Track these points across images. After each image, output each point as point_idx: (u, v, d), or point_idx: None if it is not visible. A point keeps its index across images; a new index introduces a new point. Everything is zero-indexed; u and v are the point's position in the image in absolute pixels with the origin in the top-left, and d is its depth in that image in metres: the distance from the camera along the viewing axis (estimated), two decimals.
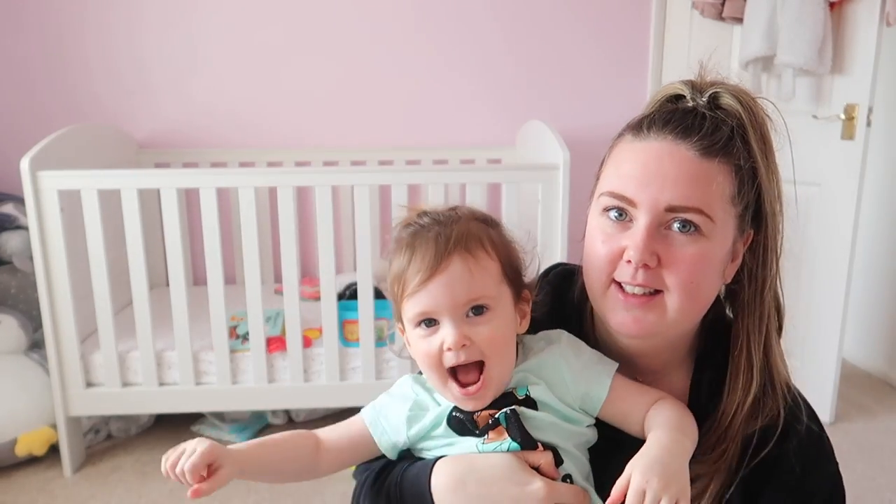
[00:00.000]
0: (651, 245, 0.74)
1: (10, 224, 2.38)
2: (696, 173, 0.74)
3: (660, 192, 0.74)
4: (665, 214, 0.74)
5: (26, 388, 2.15)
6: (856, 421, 2.48)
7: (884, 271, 2.89)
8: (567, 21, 2.76)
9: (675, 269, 0.74)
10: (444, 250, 0.73)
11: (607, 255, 0.77)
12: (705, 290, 0.78)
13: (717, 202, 0.74)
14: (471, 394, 0.75)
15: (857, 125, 2.23)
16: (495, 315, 0.75)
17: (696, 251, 0.74)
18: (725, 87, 0.79)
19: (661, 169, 0.74)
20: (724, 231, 0.76)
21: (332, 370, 2.15)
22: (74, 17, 2.63)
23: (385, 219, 2.73)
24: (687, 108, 0.79)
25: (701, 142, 0.75)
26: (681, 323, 0.78)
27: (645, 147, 0.77)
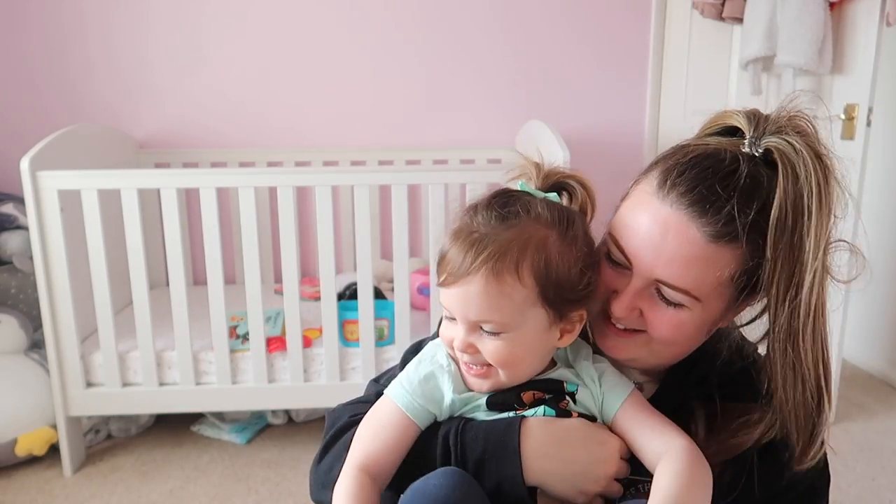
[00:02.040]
0: (634, 303, 0.77)
1: (10, 224, 2.38)
2: (698, 256, 0.72)
3: (653, 264, 0.74)
4: (654, 282, 0.76)
5: (26, 388, 2.15)
6: (856, 421, 2.48)
7: (884, 271, 2.89)
8: (567, 21, 2.76)
9: (653, 327, 0.77)
10: (469, 265, 0.71)
11: (603, 290, 0.80)
12: (688, 343, 0.80)
13: (709, 285, 0.74)
14: (474, 375, 0.77)
15: (857, 125, 2.23)
16: (510, 337, 0.74)
17: (676, 319, 0.76)
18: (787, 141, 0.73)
19: (663, 244, 0.73)
20: (713, 303, 0.76)
21: (332, 370, 2.15)
22: (75, 16, 2.63)
23: (385, 219, 2.74)
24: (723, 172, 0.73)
25: (714, 227, 0.72)
26: (664, 360, 0.82)
27: (658, 212, 0.74)
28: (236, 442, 2.32)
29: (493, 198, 0.77)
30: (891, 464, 2.22)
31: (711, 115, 0.83)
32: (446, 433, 0.76)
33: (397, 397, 0.79)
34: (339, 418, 0.90)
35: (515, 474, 0.73)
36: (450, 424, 0.77)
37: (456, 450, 0.75)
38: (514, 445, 0.73)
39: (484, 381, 0.77)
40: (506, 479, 0.73)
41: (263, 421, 2.44)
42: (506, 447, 0.74)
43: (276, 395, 2.17)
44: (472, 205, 0.77)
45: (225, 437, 2.35)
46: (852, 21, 2.23)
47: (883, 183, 2.86)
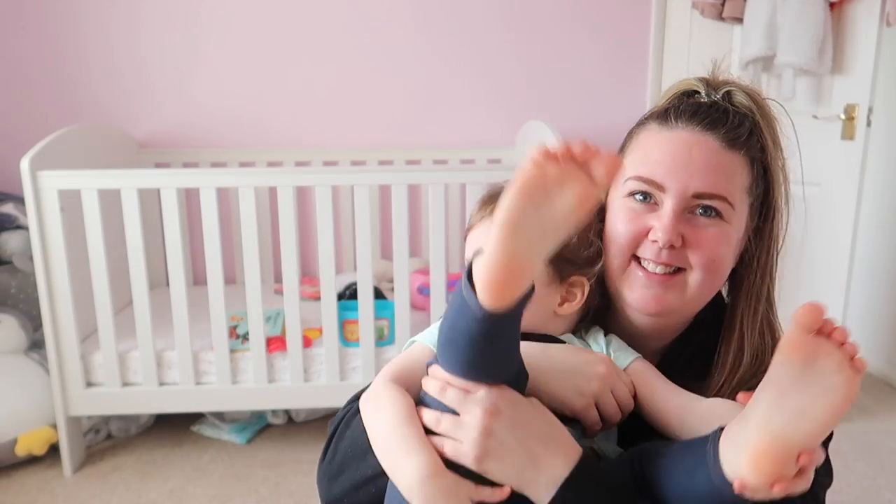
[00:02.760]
0: (677, 227, 0.79)
1: (10, 224, 2.38)
2: (722, 163, 0.79)
3: (689, 179, 0.78)
4: (691, 200, 0.79)
5: (26, 388, 2.15)
6: (856, 421, 2.48)
7: (884, 271, 2.89)
8: (567, 21, 2.76)
9: (698, 249, 0.79)
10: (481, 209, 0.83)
11: (632, 233, 0.81)
12: (723, 268, 0.82)
13: (737, 191, 0.80)
14: None
15: (857, 125, 2.23)
16: None
17: (719, 233, 0.80)
18: (738, 87, 0.84)
19: (689, 157, 0.79)
20: (741, 217, 0.82)
21: (332, 370, 2.15)
22: (75, 17, 2.63)
23: (385, 219, 2.74)
24: (709, 102, 0.84)
25: (728, 134, 0.80)
26: (697, 300, 0.83)
27: (673, 136, 0.81)
28: (236, 442, 2.32)
29: None
30: (891, 464, 2.22)
31: (669, 87, 0.92)
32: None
33: (425, 340, 0.81)
34: (339, 416, 0.88)
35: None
36: None
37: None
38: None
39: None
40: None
41: (263, 421, 2.44)
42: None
43: (276, 395, 2.17)
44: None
45: (225, 437, 2.35)
46: (852, 21, 2.23)
47: (883, 183, 2.86)
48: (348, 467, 0.79)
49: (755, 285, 0.85)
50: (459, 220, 2.72)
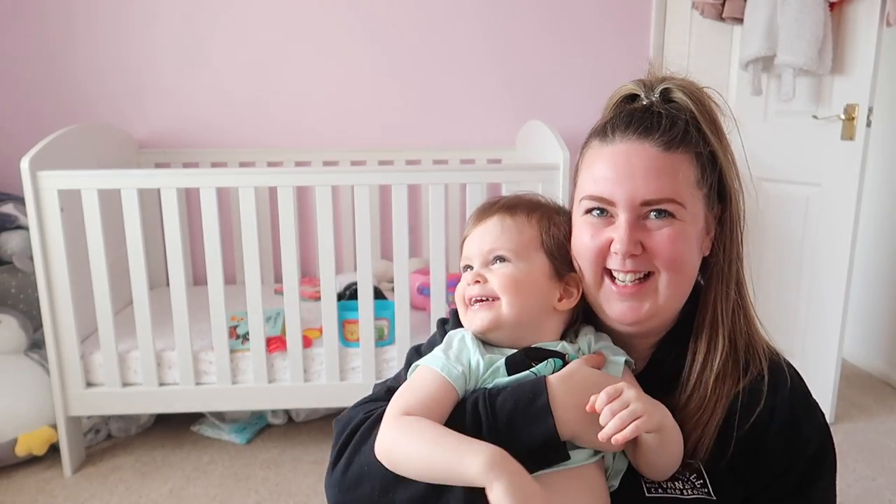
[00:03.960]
0: (633, 235, 0.82)
1: (11, 224, 2.38)
2: (663, 167, 0.81)
3: (634, 189, 0.81)
4: (641, 208, 0.82)
5: (26, 388, 2.15)
6: (856, 421, 2.48)
7: (884, 271, 2.89)
8: (567, 21, 2.76)
9: (658, 252, 0.82)
10: (490, 208, 0.90)
11: (596, 247, 0.84)
12: (688, 264, 0.85)
13: (684, 189, 0.82)
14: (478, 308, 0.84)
15: (857, 125, 2.23)
16: (517, 265, 0.85)
17: (673, 232, 0.82)
18: (674, 83, 0.86)
19: (630, 168, 0.82)
20: (695, 211, 0.84)
21: (332, 370, 2.15)
22: (75, 17, 2.63)
23: (385, 219, 2.74)
24: (643, 107, 0.86)
25: (662, 137, 0.82)
26: (672, 300, 0.85)
27: (613, 150, 0.84)
28: (236, 442, 2.32)
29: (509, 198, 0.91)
30: (891, 464, 2.22)
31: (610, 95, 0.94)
32: (475, 400, 0.79)
33: (434, 363, 0.82)
34: (351, 419, 0.88)
35: (549, 429, 0.75)
36: (476, 393, 0.80)
37: (487, 413, 0.77)
38: (543, 402, 0.76)
39: (486, 314, 0.84)
40: (539, 435, 0.75)
41: (263, 421, 2.44)
42: (536, 405, 0.77)
43: (276, 395, 2.17)
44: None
45: (225, 437, 2.35)
46: (852, 21, 2.23)
47: (883, 183, 2.86)
48: (364, 483, 0.79)
49: (724, 269, 0.87)
50: (459, 220, 2.72)
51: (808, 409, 0.88)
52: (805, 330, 2.47)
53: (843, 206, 2.31)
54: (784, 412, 0.85)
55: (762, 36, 2.29)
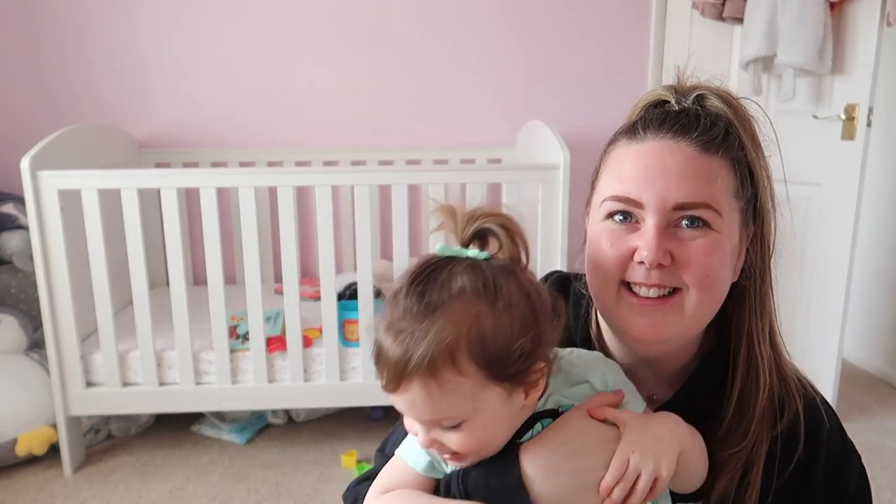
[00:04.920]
0: (663, 244, 0.72)
1: (11, 224, 2.38)
2: (700, 169, 0.73)
3: (666, 190, 0.72)
4: (673, 213, 0.73)
5: (26, 388, 2.15)
6: (856, 421, 2.48)
7: (884, 271, 2.89)
8: (567, 21, 2.76)
9: (689, 265, 0.73)
10: (403, 370, 0.65)
11: (617, 258, 0.75)
12: (720, 283, 0.75)
13: (722, 197, 0.74)
14: (451, 461, 0.73)
15: (857, 125, 2.23)
16: (470, 426, 0.68)
17: (708, 243, 0.73)
18: (708, 90, 0.79)
19: (664, 167, 0.73)
20: (731, 225, 0.75)
21: (332, 370, 2.15)
22: (75, 16, 2.63)
23: (385, 219, 2.74)
24: (678, 109, 0.78)
25: (700, 137, 0.74)
26: (698, 321, 0.76)
27: (644, 148, 0.75)
28: (236, 442, 2.32)
29: (413, 281, 0.68)
30: (891, 464, 2.22)
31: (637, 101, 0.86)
32: (447, 481, 0.73)
33: (407, 456, 0.76)
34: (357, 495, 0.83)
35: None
36: (450, 474, 0.73)
37: (460, 494, 0.71)
38: (515, 477, 0.68)
39: (464, 462, 0.72)
40: None
41: (263, 421, 2.44)
42: (508, 482, 0.69)
43: (276, 395, 2.17)
44: (394, 292, 0.69)
45: (225, 436, 2.35)
46: (852, 21, 2.23)
47: (883, 183, 2.86)
48: None
49: (758, 297, 0.78)
50: None
51: (847, 453, 0.83)
52: (805, 330, 2.47)
53: (844, 206, 2.31)
54: (824, 458, 0.80)
55: (762, 36, 2.29)
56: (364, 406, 2.40)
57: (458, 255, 0.70)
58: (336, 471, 2.16)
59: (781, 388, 0.80)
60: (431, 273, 0.68)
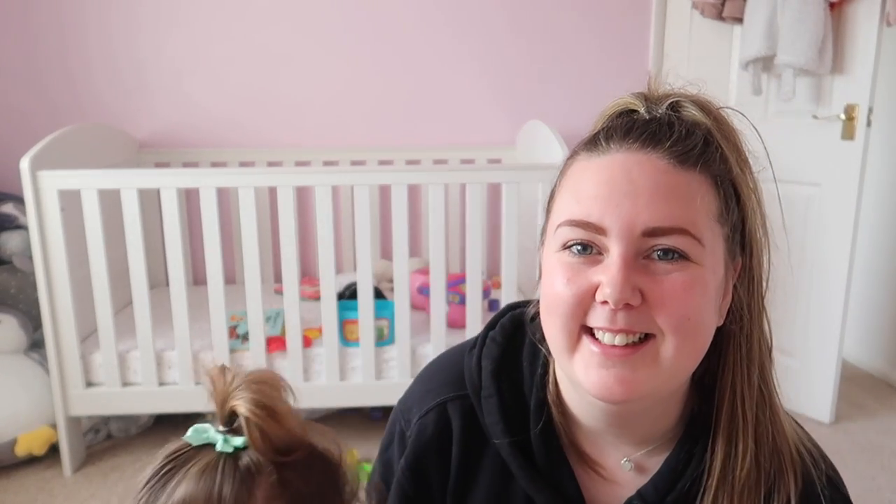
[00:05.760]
0: (630, 279, 0.58)
1: (10, 224, 2.38)
2: (675, 185, 0.59)
3: (633, 212, 0.59)
4: (643, 240, 0.59)
5: (26, 388, 2.15)
6: (856, 421, 2.48)
7: (884, 271, 2.89)
8: (567, 21, 2.76)
9: (664, 305, 0.59)
10: None
11: (575, 297, 0.61)
12: (702, 327, 0.61)
13: (703, 220, 0.60)
14: None
15: (857, 125, 2.23)
16: None
17: (687, 279, 0.59)
18: (684, 97, 0.66)
19: (631, 184, 0.59)
20: (715, 255, 0.61)
21: (331, 370, 2.15)
22: (75, 16, 2.63)
23: (385, 219, 2.74)
24: (650, 118, 0.66)
25: (675, 148, 0.61)
26: (675, 374, 0.62)
27: (607, 162, 0.62)
28: None
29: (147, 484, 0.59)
30: (891, 464, 2.22)
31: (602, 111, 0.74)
32: None
33: None
34: None
35: None
36: None
37: None
38: None
39: None
40: None
41: None
42: None
43: None
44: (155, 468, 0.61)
45: None
46: (852, 21, 2.23)
47: (883, 183, 2.87)
48: None
49: (743, 346, 0.65)
50: (459, 220, 2.72)
51: None
52: (805, 330, 2.47)
53: (843, 206, 2.31)
54: None
55: (762, 36, 2.29)
56: (364, 406, 2.40)
57: (207, 441, 0.60)
58: None
59: (773, 462, 0.66)
60: (166, 474, 0.58)
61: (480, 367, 0.73)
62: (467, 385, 0.73)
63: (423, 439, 0.73)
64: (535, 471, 0.69)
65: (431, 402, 0.74)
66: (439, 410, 0.73)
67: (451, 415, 0.73)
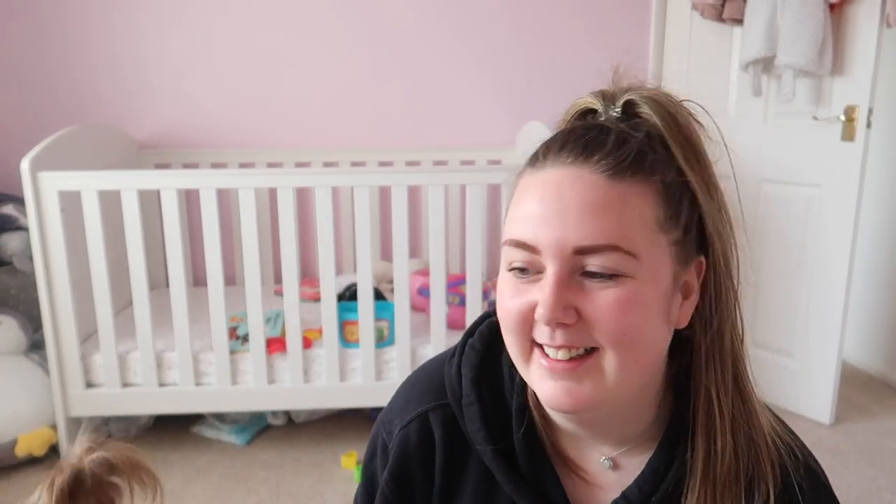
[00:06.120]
0: (563, 298, 0.59)
1: (11, 225, 2.38)
2: (606, 201, 0.59)
3: (563, 231, 0.59)
4: (576, 259, 0.60)
5: (26, 389, 2.15)
6: (856, 421, 2.48)
7: (884, 271, 2.89)
8: (567, 21, 2.76)
9: (599, 322, 0.60)
10: None
11: (520, 315, 0.62)
12: (643, 339, 0.61)
13: (638, 233, 0.60)
14: None
15: (857, 126, 2.23)
16: None
17: (621, 295, 0.59)
18: (641, 93, 0.66)
19: (561, 201, 0.60)
20: (655, 266, 0.61)
21: (331, 371, 2.15)
22: (75, 17, 2.63)
23: (385, 220, 2.74)
24: (591, 124, 0.66)
25: (606, 160, 0.61)
26: (624, 383, 0.62)
27: (543, 178, 0.63)
28: (236, 443, 2.32)
29: None
30: (891, 464, 2.22)
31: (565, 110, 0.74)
32: None
33: None
34: None
35: None
36: None
37: None
38: None
39: None
40: None
41: (263, 422, 2.44)
42: None
43: (275, 396, 2.18)
44: None
45: (225, 437, 2.35)
46: (852, 22, 2.23)
47: (883, 184, 2.87)
48: None
49: (718, 344, 0.64)
50: (459, 221, 2.73)
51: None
52: (805, 330, 2.47)
53: (844, 207, 2.31)
54: None
55: (762, 37, 2.29)
56: (364, 407, 2.40)
57: None
58: (336, 472, 2.16)
59: (750, 455, 0.66)
60: None
61: (461, 375, 0.73)
62: (448, 394, 0.73)
63: (406, 450, 0.74)
64: (519, 476, 0.70)
65: (412, 412, 0.74)
66: (421, 420, 0.74)
67: (432, 424, 0.73)
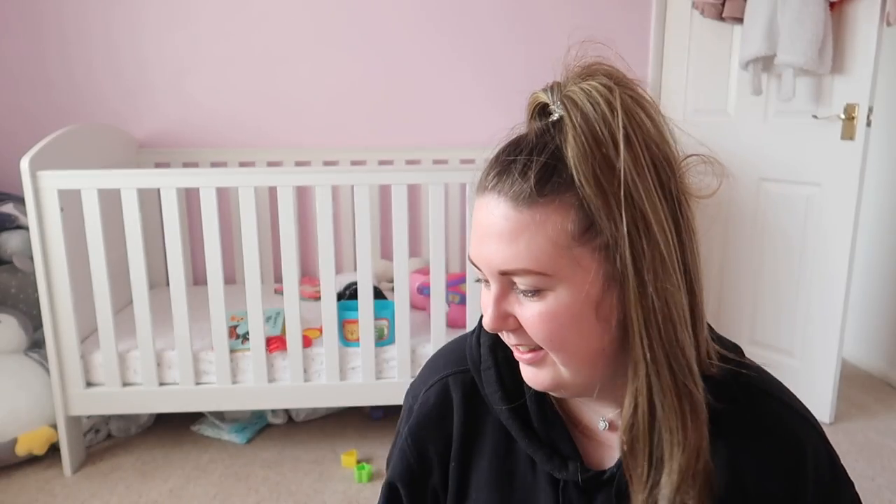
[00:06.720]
0: (502, 310, 0.67)
1: (10, 224, 2.38)
2: (514, 228, 0.63)
3: (490, 254, 0.65)
4: (504, 277, 0.66)
5: (26, 388, 2.15)
6: (856, 421, 2.48)
7: (884, 271, 2.89)
8: (567, 21, 2.76)
9: (531, 331, 0.66)
10: None
11: (488, 317, 0.69)
12: (575, 342, 0.65)
13: (547, 253, 0.63)
14: None
15: (857, 125, 2.23)
16: None
17: (543, 309, 0.65)
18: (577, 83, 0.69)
19: (486, 227, 0.66)
20: (575, 277, 0.63)
21: (332, 370, 2.15)
22: (75, 17, 2.63)
23: (385, 218, 2.74)
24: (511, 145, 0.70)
25: (513, 189, 0.64)
26: (580, 375, 0.68)
27: (479, 202, 0.68)
28: (236, 441, 2.32)
29: None
30: (891, 464, 2.22)
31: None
32: None
33: None
34: None
35: None
36: None
37: None
38: None
39: None
40: None
41: (263, 421, 2.44)
42: None
43: (275, 395, 2.18)
44: None
45: (225, 436, 2.35)
46: (852, 21, 2.23)
47: (883, 183, 2.87)
48: None
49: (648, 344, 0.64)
50: (459, 220, 2.73)
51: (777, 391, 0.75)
52: (805, 330, 2.47)
53: (843, 206, 2.31)
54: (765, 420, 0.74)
55: (762, 36, 2.29)
56: (364, 406, 2.40)
57: None
58: (336, 470, 2.16)
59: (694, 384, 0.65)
60: None
61: (479, 343, 0.80)
62: (468, 361, 0.80)
63: (425, 410, 0.82)
64: (533, 432, 0.76)
65: (434, 378, 0.83)
66: (441, 384, 0.82)
67: (451, 388, 0.81)
